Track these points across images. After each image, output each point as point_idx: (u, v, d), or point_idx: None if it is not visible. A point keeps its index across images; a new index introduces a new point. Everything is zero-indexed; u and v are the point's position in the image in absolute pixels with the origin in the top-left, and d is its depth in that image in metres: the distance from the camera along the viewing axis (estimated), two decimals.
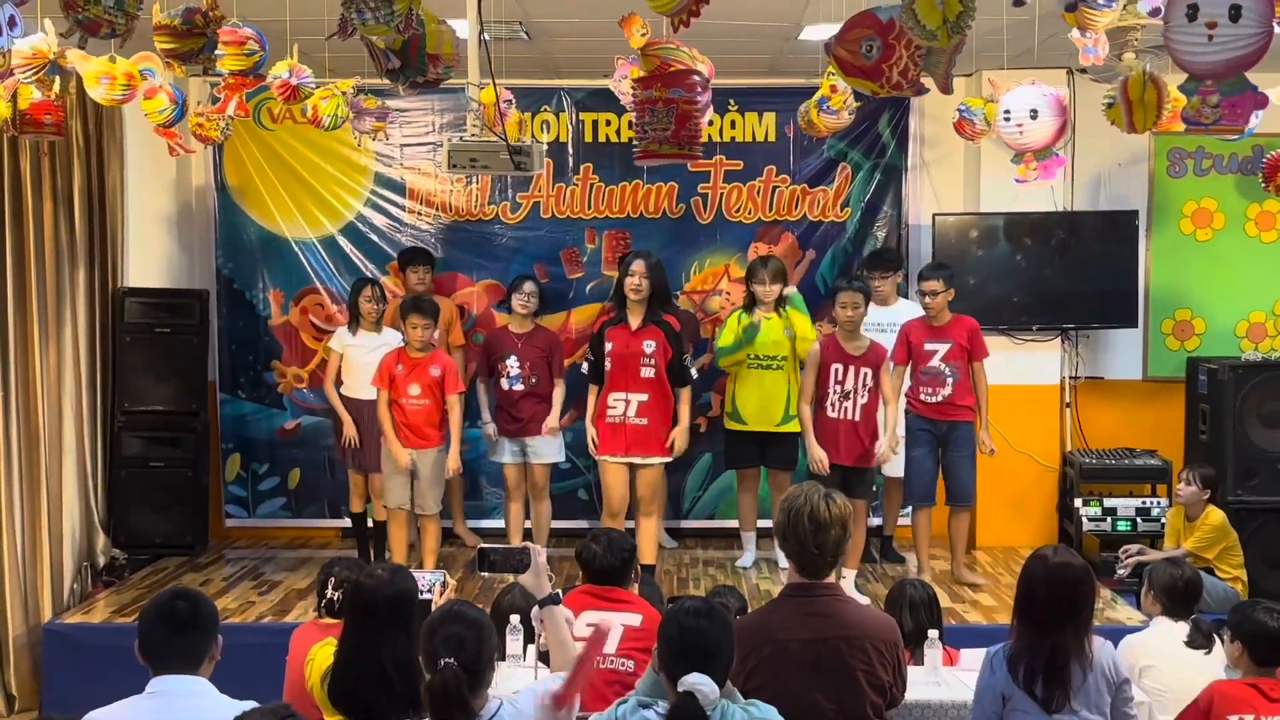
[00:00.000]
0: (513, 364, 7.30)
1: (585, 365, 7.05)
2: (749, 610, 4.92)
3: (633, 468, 6.91)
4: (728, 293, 8.22)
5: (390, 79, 4.70)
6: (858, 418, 6.73)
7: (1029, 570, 3.79)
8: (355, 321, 7.39)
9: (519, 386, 7.31)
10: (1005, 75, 5.81)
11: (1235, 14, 3.12)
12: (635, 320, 6.87)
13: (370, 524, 7.55)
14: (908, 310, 7.44)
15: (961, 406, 6.97)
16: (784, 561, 7.27)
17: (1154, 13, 4.17)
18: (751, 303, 7.20)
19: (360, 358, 7.28)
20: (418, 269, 7.71)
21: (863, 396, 6.74)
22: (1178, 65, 3.33)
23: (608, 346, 6.87)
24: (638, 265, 6.87)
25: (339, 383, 7.42)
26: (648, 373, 6.80)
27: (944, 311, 6.94)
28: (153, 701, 3.23)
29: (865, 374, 6.72)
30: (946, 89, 4.21)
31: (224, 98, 5.20)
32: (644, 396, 6.82)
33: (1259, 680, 4.14)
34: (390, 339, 7.30)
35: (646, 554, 6.85)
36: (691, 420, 7.98)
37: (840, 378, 6.73)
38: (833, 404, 6.76)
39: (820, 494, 3.64)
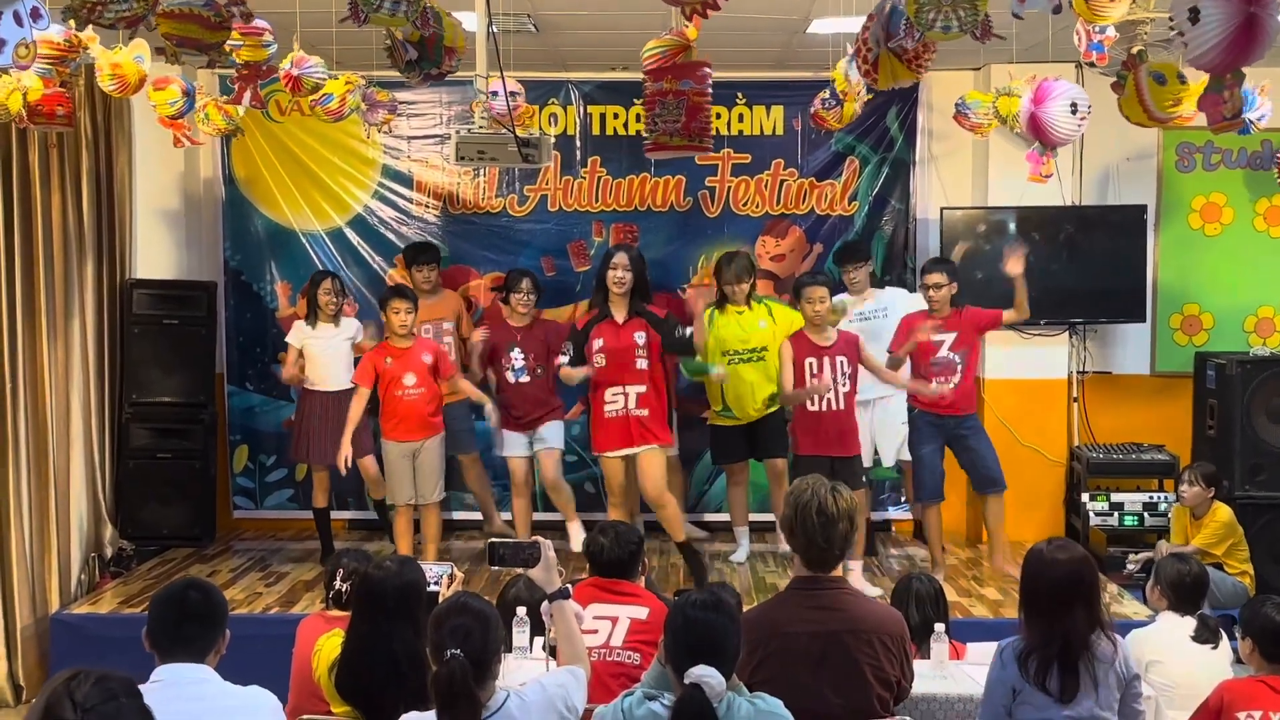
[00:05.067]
0: (517, 357, 7.28)
1: (565, 358, 6.91)
2: (743, 606, 4.92)
3: (634, 460, 6.90)
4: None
5: (406, 69, 4.69)
6: (840, 407, 6.73)
7: (1028, 566, 3.78)
8: (314, 314, 7.34)
9: (524, 379, 7.29)
10: (1014, 69, 5.80)
11: (1194, 16, 3.20)
12: (620, 314, 6.84)
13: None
14: (885, 299, 7.55)
15: (969, 397, 7.01)
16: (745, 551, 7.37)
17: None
18: (723, 299, 7.19)
19: (320, 350, 7.26)
20: (422, 267, 7.67)
21: (843, 385, 6.74)
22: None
23: (598, 343, 6.82)
24: (620, 258, 6.84)
25: (301, 373, 7.41)
26: (642, 364, 6.79)
27: (947, 304, 6.96)
28: (159, 690, 3.22)
29: (840, 362, 6.72)
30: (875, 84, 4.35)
31: (237, 89, 5.19)
32: (641, 388, 6.80)
33: (1268, 677, 4.14)
34: (348, 331, 7.33)
35: (678, 532, 6.91)
36: (696, 413, 7.99)
37: (815, 371, 6.74)
38: (812, 398, 6.78)
39: (827, 487, 3.64)
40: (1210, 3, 3.21)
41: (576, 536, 7.30)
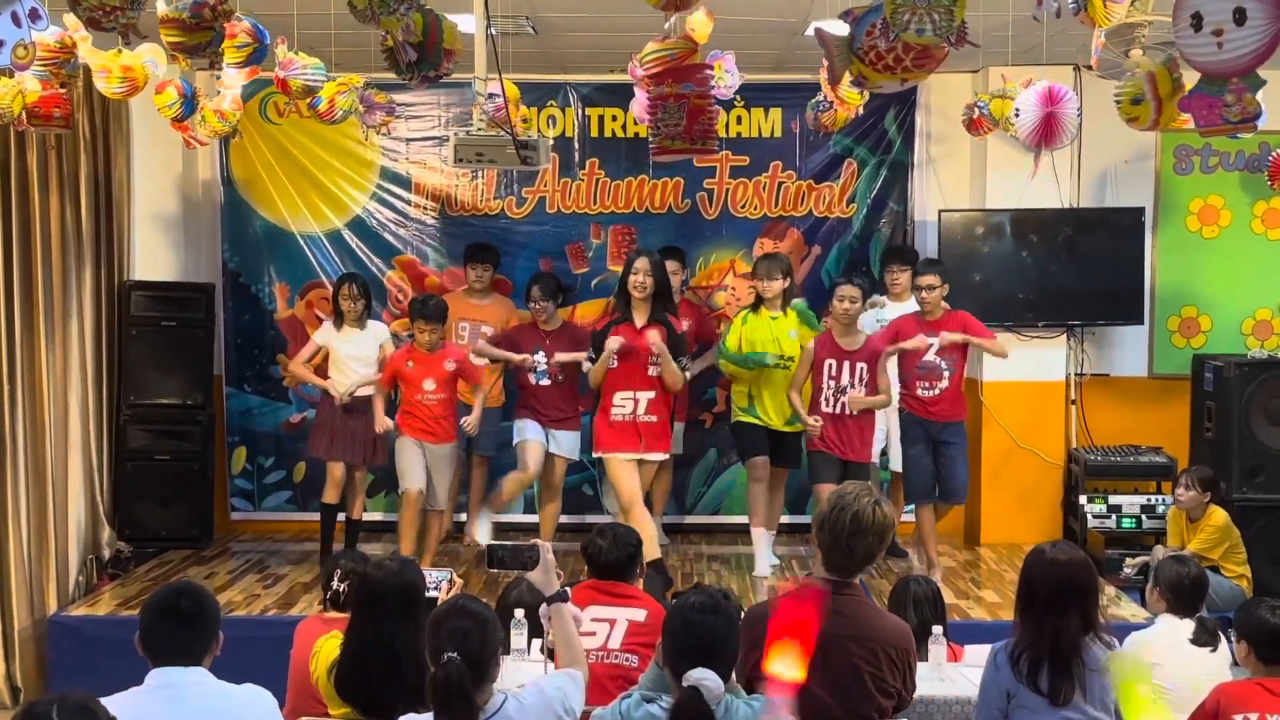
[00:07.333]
0: (540, 359, 7.28)
1: (587, 363, 6.90)
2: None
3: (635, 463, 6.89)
4: (733, 288, 8.23)
5: (406, 70, 4.70)
6: (853, 412, 6.74)
7: (1027, 566, 3.79)
8: (340, 318, 7.36)
9: (545, 382, 7.26)
10: (1012, 71, 5.81)
11: (1240, 17, 3.09)
12: (640, 318, 6.85)
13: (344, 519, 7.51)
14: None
15: (956, 405, 7.00)
16: (766, 562, 7.33)
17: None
18: (758, 302, 7.19)
19: (344, 352, 7.27)
20: (476, 265, 7.70)
21: (858, 392, 6.74)
22: (1194, 69, 3.31)
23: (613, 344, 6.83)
24: (641, 263, 6.85)
25: (324, 376, 7.41)
26: (654, 370, 6.78)
27: (939, 306, 6.95)
28: (155, 693, 3.23)
29: (860, 369, 6.72)
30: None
31: (221, 92, 5.21)
32: (651, 394, 6.80)
33: (1264, 679, 4.14)
34: (373, 335, 7.31)
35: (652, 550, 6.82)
36: (696, 415, 8.01)
37: (834, 373, 6.73)
38: (827, 399, 6.77)
39: (871, 498, 3.59)
40: (1257, 5, 3.08)
41: (484, 529, 7.25)
